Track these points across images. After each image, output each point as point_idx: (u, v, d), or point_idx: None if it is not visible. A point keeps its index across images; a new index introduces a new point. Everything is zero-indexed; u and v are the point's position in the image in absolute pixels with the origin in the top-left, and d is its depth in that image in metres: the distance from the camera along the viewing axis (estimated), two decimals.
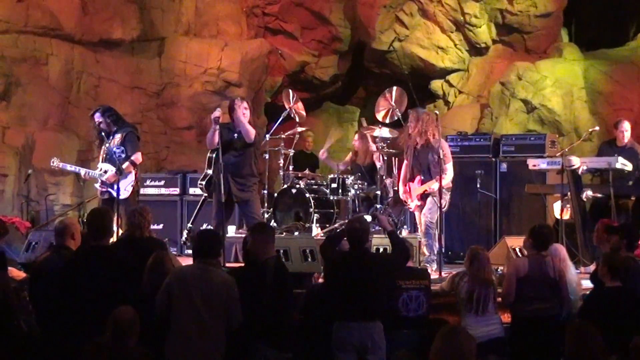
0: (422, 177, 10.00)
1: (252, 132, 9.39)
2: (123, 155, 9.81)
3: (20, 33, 13.00)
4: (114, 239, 7.96)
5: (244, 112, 9.46)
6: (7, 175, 12.59)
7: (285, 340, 6.62)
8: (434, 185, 9.81)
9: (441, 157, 9.71)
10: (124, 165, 9.74)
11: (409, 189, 10.13)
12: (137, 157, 9.95)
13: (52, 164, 10.14)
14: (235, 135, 9.56)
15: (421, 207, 10.08)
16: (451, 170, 10.04)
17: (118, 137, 9.92)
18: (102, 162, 9.98)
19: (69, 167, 10.33)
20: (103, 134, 10.00)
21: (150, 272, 6.67)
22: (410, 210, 10.47)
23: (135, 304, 5.97)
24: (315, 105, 16.08)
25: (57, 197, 12.77)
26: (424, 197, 10.03)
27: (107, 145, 9.95)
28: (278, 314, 6.55)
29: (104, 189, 9.90)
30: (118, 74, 13.77)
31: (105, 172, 9.83)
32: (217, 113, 9.35)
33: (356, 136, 11.97)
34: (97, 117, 10.01)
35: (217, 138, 9.34)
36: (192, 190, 12.21)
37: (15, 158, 12.65)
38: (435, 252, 9.75)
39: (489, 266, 7.28)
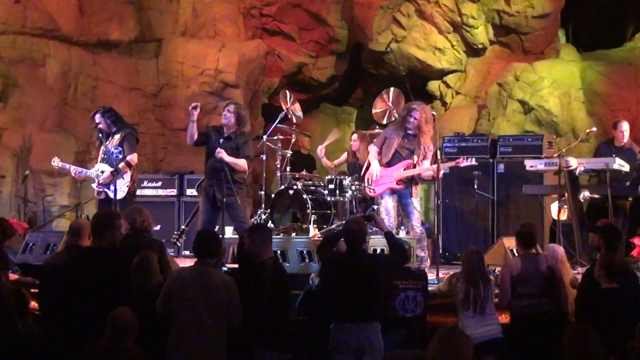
0: (412, 163, 9.70)
1: (241, 165, 9.46)
2: (120, 156, 9.84)
3: (17, 34, 13.01)
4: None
5: (225, 115, 9.56)
6: (5, 177, 12.60)
7: (284, 341, 6.62)
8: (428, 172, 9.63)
9: (426, 151, 9.62)
10: (120, 166, 9.76)
11: (378, 173, 9.70)
12: (133, 157, 9.96)
13: (52, 163, 10.16)
14: (221, 140, 9.57)
15: (396, 195, 9.81)
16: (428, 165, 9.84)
17: (117, 137, 9.95)
18: (99, 162, 10.00)
19: (68, 167, 10.32)
20: (102, 134, 10.02)
21: (136, 272, 6.68)
22: (371, 194, 10.02)
23: (134, 305, 5.98)
24: (312, 106, 16.08)
25: (54, 198, 12.78)
26: (402, 183, 9.70)
27: (106, 146, 9.97)
28: (276, 315, 6.55)
29: (100, 189, 9.91)
30: (115, 75, 13.78)
31: (102, 172, 9.85)
32: (194, 104, 9.47)
33: (355, 136, 11.96)
34: (97, 118, 10.03)
35: (195, 133, 9.45)
36: (189, 192, 12.23)
37: (12, 159, 12.66)
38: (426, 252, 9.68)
39: (482, 266, 7.28)
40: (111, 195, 9.77)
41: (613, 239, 7.48)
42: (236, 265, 8.50)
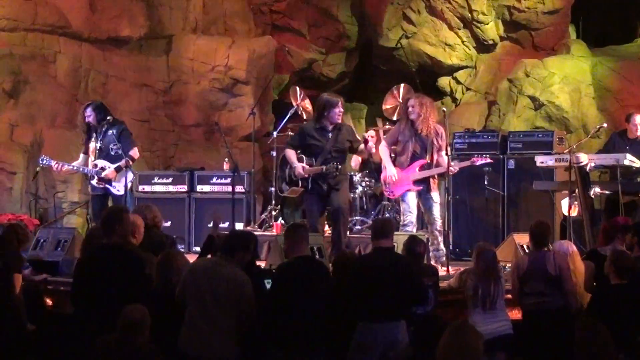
0: (426, 162, 9.57)
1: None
2: (120, 152, 9.83)
3: (28, 31, 13.04)
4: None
5: (340, 115, 9.41)
6: (16, 173, 12.64)
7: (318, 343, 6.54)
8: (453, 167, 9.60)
9: (440, 143, 9.55)
10: (123, 162, 9.78)
11: (397, 176, 9.54)
12: (135, 152, 10.01)
13: (41, 162, 10.10)
14: (330, 134, 9.42)
15: (417, 194, 9.72)
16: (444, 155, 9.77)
17: (111, 132, 9.88)
18: (96, 158, 9.94)
19: (49, 163, 10.12)
20: (90, 129, 10.01)
21: (161, 269, 6.70)
22: (391, 197, 10.01)
23: (147, 301, 6.00)
24: None
25: (65, 194, 12.81)
26: (419, 182, 9.69)
27: (99, 141, 9.93)
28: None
29: (101, 185, 9.87)
30: (126, 71, 13.80)
31: (102, 168, 9.81)
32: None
33: (372, 132, 11.90)
34: (89, 112, 10.02)
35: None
36: (199, 188, 12.23)
37: (23, 156, 12.70)
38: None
39: (495, 263, 7.27)
40: (114, 191, 9.77)
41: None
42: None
